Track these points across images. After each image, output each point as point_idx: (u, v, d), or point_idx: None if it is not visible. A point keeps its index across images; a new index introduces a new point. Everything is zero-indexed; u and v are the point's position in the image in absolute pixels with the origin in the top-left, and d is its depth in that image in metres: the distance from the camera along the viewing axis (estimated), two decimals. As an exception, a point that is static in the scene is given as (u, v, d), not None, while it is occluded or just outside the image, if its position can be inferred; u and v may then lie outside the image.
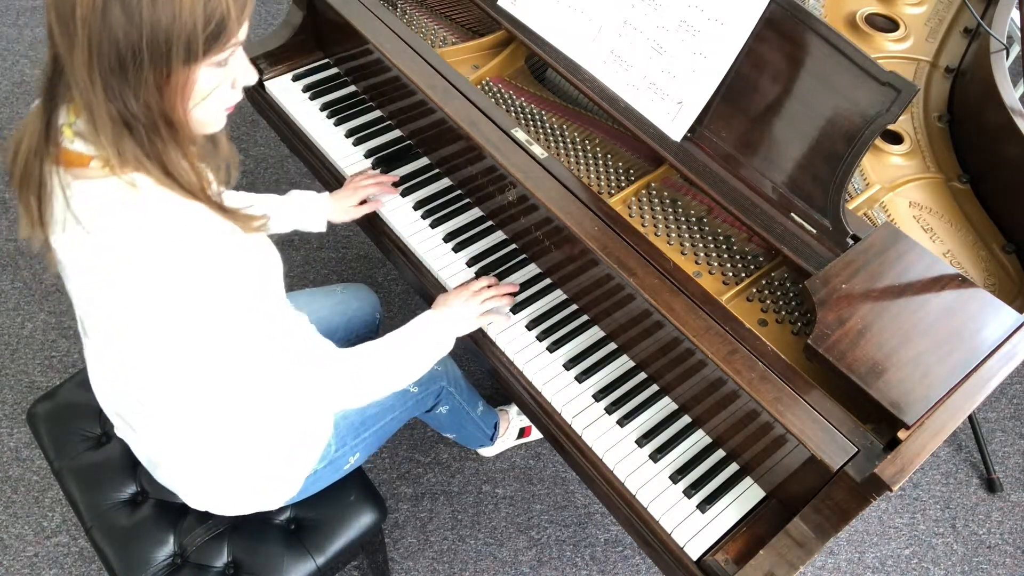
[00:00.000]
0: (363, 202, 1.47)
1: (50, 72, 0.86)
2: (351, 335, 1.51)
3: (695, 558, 1.12)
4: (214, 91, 0.87)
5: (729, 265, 1.25)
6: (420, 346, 1.21)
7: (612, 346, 1.32)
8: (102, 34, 0.77)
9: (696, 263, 1.25)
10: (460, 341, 1.28)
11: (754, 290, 1.22)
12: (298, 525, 1.28)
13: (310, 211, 1.40)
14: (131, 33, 0.77)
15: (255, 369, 1.01)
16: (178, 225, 0.87)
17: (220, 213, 0.90)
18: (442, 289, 1.39)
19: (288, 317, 1.00)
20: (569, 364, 1.29)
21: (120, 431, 1.20)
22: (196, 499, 1.20)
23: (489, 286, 1.33)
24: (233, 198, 1.20)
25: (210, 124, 0.91)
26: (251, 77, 0.90)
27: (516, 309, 1.35)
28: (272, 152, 2.48)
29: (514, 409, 1.88)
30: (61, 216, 0.90)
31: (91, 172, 0.87)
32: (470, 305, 1.28)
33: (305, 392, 1.07)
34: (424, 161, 1.55)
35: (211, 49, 0.82)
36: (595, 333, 1.34)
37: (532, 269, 1.41)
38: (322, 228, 1.43)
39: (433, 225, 1.46)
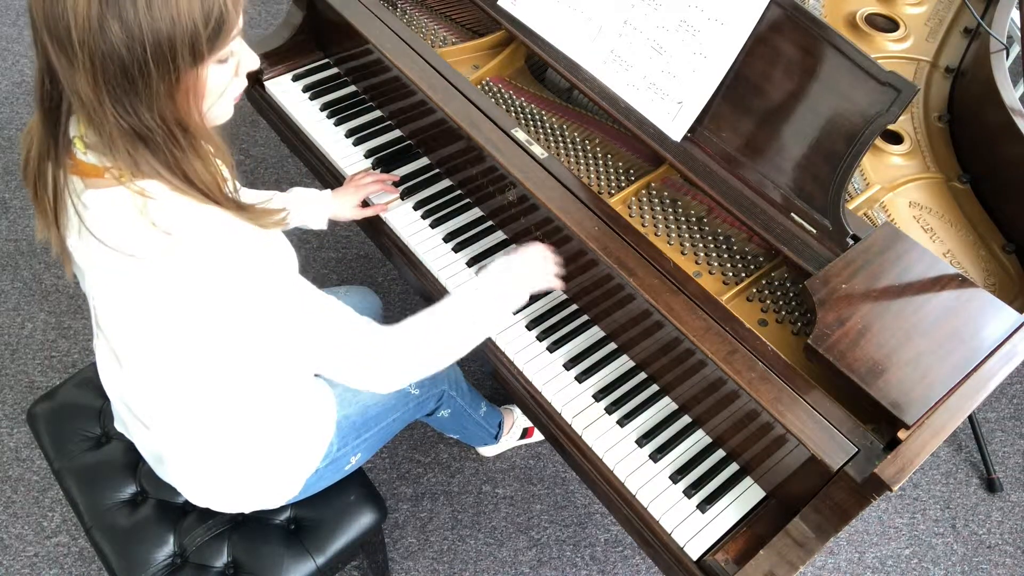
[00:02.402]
0: (365, 204, 1.47)
1: (46, 86, 0.85)
2: None
3: (695, 558, 1.12)
4: (224, 86, 0.86)
5: (729, 265, 1.25)
6: (497, 293, 1.14)
7: (612, 346, 1.32)
8: (104, 52, 0.76)
9: (696, 263, 1.25)
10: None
11: (754, 290, 1.22)
12: (298, 525, 1.28)
13: (313, 208, 1.40)
14: (133, 46, 0.76)
15: (294, 357, 0.99)
16: (195, 230, 0.86)
17: (237, 212, 0.89)
18: (442, 289, 1.39)
19: (319, 297, 0.98)
20: (569, 364, 1.29)
21: (128, 427, 1.20)
22: (199, 496, 1.20)
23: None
24: (245, 195, 1.20)
25: (221, 117, 0.91)
26: (254, 62, 0.90)
27: (516, 310, 1.35)
28: (272, 152, 2.48)
29: (519, 408, 1.88)
30: (75, 222, 0.90)
31: (105, 182, 0.86)
32: (546, 261, 1.22)
33: (359, 373, 1.03)
34: (424, 161, 1.55)
35: (215, 46, 0.81)
36: (595, 333, 1.34)
37: (532, 269, 1.41)
38: (323, 226, 1.43)
39: (433, 225, 1.46)
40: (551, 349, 1.31)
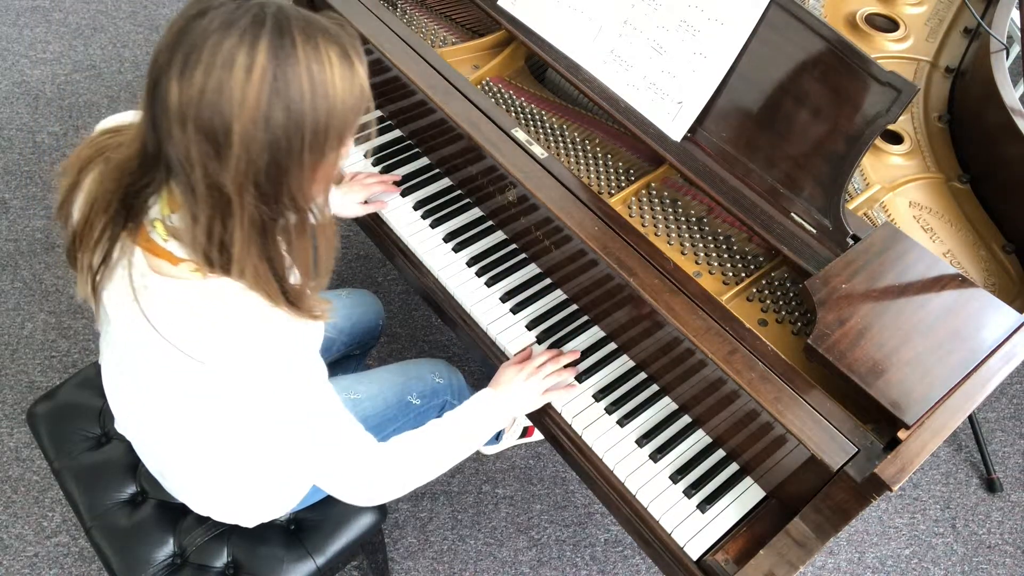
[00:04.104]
0: (365, 203, 1.47)
1: (145, 172, 0.82)
2: (354, 340, 1.51)
3: (695, 558, 1.12)
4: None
5: (729, 265, 1.25)
6: (475, 427, 1.16)
7: (612, 346, 1.32)
8: (263, 143, 0.74)
9: (696, 263, 1.25)
10: (462, 342, 1.27)
11: (754, 290, 1.22)
12: (298, 525, 1.28)
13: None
14: (294, 135, 0.75)
15: (296, 456, 1.00)
16: (255, 338, 0.86)
17: (298, 308, 0.87)
18: (442, 289, 1.39)
19: (339, 407, 0.98)
20: (569, 364, 1.29)
21: (131, 440, 1.20)
22: (203, 508, 1.20)
23: (548, 361, 1.26)
24: None
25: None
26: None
27: (516, 310, 1.35)
28: (272, 152, 2.48)
29: None
30: (124, 287, 0.87)
31: (175, 271, 0.84)
32: (532, 383, 1.22)
33: (349, 483, 1.04)
34: (424, 161, 1.55)
35: (354, 127, 0.81)
36: (595, 333, 1.34)
37: (532, 269, 1.41)
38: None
39: (433, 225, 1.46)
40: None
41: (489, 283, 1.38)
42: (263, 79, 0.72)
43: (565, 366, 1.27)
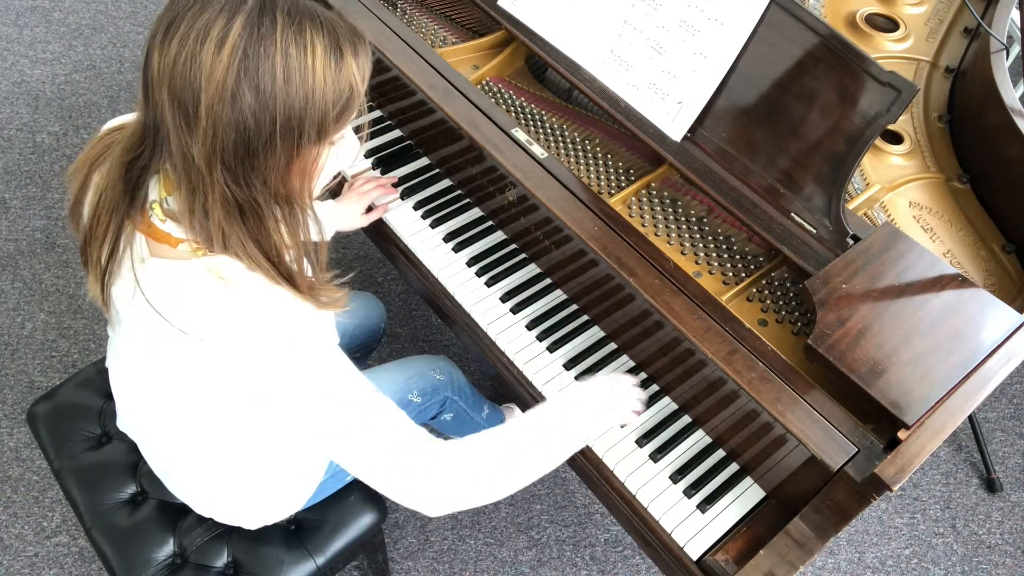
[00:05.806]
0: (368, 209, 1.46)
1: (146, 143, 0.81)
2: (355, 342, 1.51)
3: (695, 558, 1.12)
4: (330, 164, 0.85)
5: (729, 265, 1.25)
6: (576, 412, 1.06)
7: (612, 346, 1.32)
8: (230, 121, 0.73)
9: (696, 263, 1.25)
10: (462, 342, 1.27)
11: (754, 290, 1.22)
12: (298, 525, 1.28)
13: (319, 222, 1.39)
14: (263, 118, 0.74)
15: (335, 454, 0.93)
16: (259, 317, 0.84)
17: (305, 293, 0.86)
18: (442, 290, 1.39)
19: (375, 397, 0.91)
20: (569, 364, 1.29)
21: (136, 440, 1.20)
22: (206, 509, 1.20)
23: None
24: None
25: (317, 193, 0.89)
26: (356, 146, 0.88)
27: (516, 310, 1.35)
28: (272, 152, 2.48)
29: (519, 410, 1.88)
30: (129, 279, 0.87)
31: (176, 253, 0.83)
32: (631, 390, 1.13)
33: (405, 487, 0.94)
34: (424, 161, 1.55)
35: (339, 124, 0.80)
36: (595, 333, 1.34)
37: (532, 269, 1.41)
38: (328, 238, 1.41)
39: (433, 225, 1.46)
40: (551, 349, 1.31)
41: (489, 283, 1.38)
42: (232, 54, 0.71)
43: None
